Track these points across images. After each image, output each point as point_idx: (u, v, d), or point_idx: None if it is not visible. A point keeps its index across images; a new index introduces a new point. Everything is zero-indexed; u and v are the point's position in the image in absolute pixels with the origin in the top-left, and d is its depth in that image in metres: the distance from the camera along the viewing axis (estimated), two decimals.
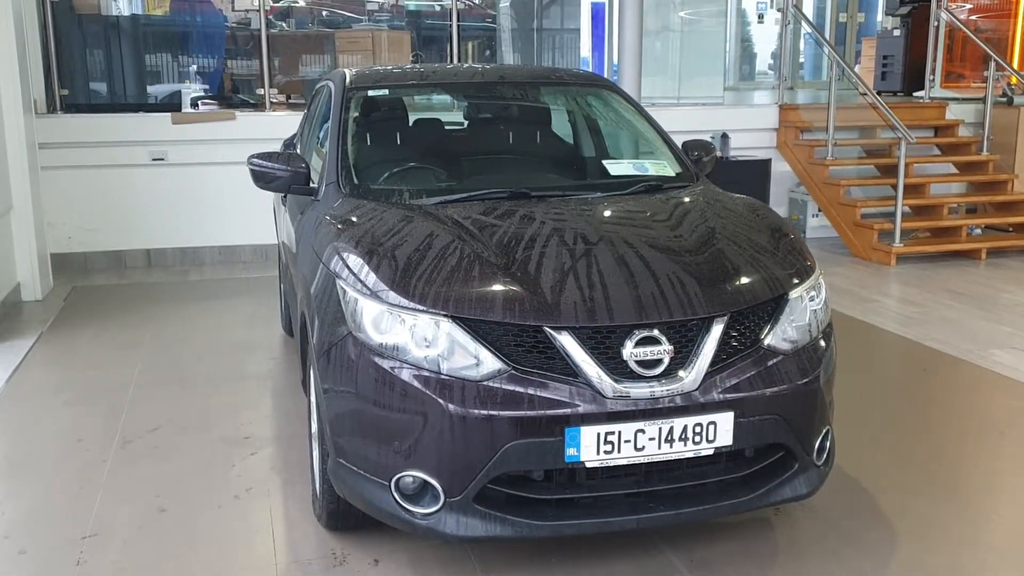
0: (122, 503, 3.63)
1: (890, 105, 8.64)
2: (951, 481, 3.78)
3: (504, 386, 2.73)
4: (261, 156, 3.89)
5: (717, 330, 2.87)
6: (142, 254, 8.24)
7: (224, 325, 6.26)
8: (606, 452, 2.76)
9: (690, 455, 2.85)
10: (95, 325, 6.31)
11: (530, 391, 2.73)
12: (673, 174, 4.01)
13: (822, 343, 3.12)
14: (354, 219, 3.34)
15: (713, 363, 2.86)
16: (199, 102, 9.00)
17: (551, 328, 2.76)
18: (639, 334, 2.79)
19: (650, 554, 3.18)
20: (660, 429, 2.79)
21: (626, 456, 2.78)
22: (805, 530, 3.38)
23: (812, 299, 3.15)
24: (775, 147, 9.41)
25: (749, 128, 9.35)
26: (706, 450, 2.85)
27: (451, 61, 9.80)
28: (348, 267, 3.02)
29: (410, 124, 4.32)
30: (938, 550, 3.25)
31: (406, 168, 3.92)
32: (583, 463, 2.76)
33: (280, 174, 3.84)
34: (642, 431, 2.78)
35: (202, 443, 4.20)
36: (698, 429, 2.83)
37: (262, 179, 3.87)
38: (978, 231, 8.76)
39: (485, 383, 2.73)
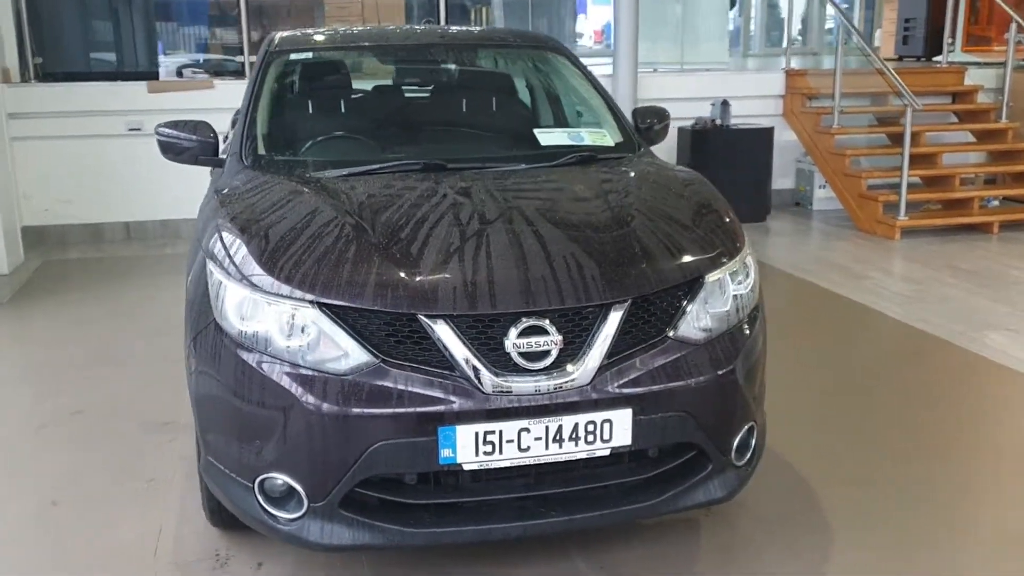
0: (16, 494, 3.44)
1: (907, 71, 8.21)
2: (906, 476, 3.46)
3: (372, 381, 2.46)
4: (169, 124, 3.64)
5: (615, 318, 2.57)
6: (121, 227, 8.08)
7: (183, 301, 6.05)
8: (486, 453, 2.49)
9: (583, 456, 2.57)
10: (55, 300, 6.15)
11: (400, 386, 2.46)
12: (612, 144, 3.70)
13: (745, 331, 2.81)
14: (239, 194, 3.07)
15: (610, 355, 2.57)
16: (184, 70, 8.79)
17: (425, 316, 2.49)
18: (524, 323, 2.50)
19: (556, 559, 2.92)
20: (547, 428, 2.51)
21: (509, 458, 2.51)
22: (736, 532, 3.10)
23: (737, 282, 2.84)
24: (781, 115, 9.00)
25: (754, 95, 8.95)
26: (601, 451, 2.57)
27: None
28: (218, 246, 2.77)
29: (332, 90, 4.03)
30: (874, 551, 2.95)
31: (319, 137, 3.64)
32: (460, 465, 2.49)
33: (187, 144, 3.59)
34: (526, 430, 2.50)
35: (120, 428, 4.00)
36: (591, 428, 2.54)
37: (170, 150, 3.63)
38: (995, 203, 8.31)
39: (350, 378, 2.47)
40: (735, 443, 2.78)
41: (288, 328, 2.52)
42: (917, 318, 5.44)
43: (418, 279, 2.54)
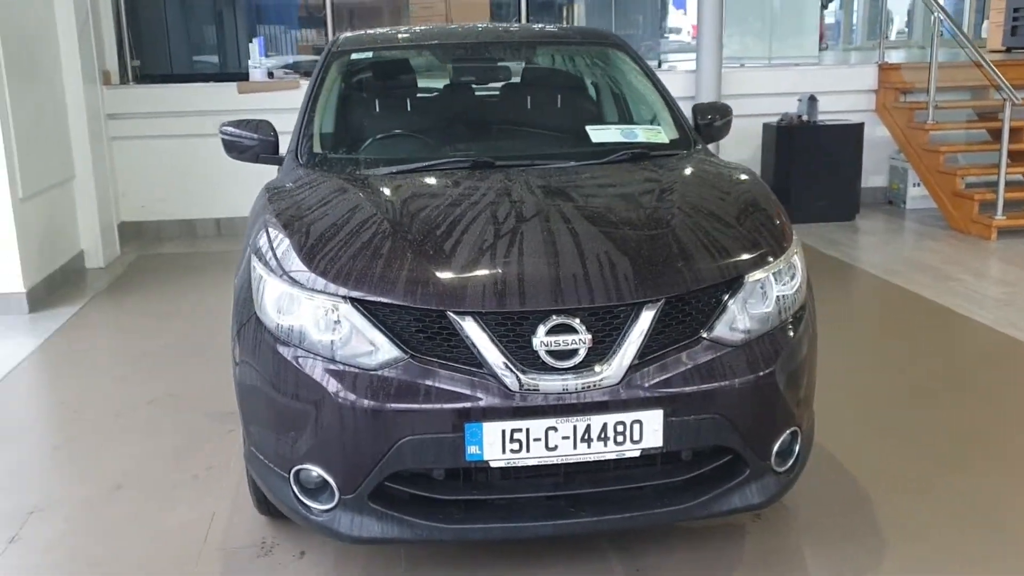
0: (83, 478, 3.60)
1: (1013, 63, 7.82)
2: (975, 490, 3.31)
3: (400, 376, 2.49)
4: (232, 124, 3.75)
5: (646, 318, 2.53)
6: (211, 223, 8.36)
7: None
8: (513, 451, 2.49)
9: (612, 456, 2.54)
10: (143, 293, 6.41)
11: (427, 382, 2.48)
12: (666, 141, 3.64)
13: (788, 333, 2.73)
14: (286, 191, 3.15)
15: (642, 355, 2.53)
16: (275, 71, 9.01)
17: (454, 313, 2.50)
18: (553, 321, 2.49)
19: (592, 560, 2.90)
20: (575, 427, 2.49)
21: (536, 456, 2.50)
22: (783, 539, 3.02)
23: (782, 283, 2.76)
24: (874, 110, 8.71)
25: (845, 90, 8.68)
26: (631, 452, 2.54)
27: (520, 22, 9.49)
28: (262, 242, 2.84)
29: (389, 89, 4.08)
30: (925, 568, 2.83)
31: (373, 136, 3.70)
32: (487, 462, 2.50)
33: (248, 143, 3.70)
34: (554, 429, 2.49)
35: (188, 418, 4.14)
36: (620, 428, 2.51)
37: (233, 148, 3.74)
38: None
39: (380, 372, 2.50)
40: (775, 448, 2.70)
41: (322, 323, 2.57)
42: (1007, 323, 5.19)
43: (448, 276, 2.55)
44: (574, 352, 2.49)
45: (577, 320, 2.49)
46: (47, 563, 3.01)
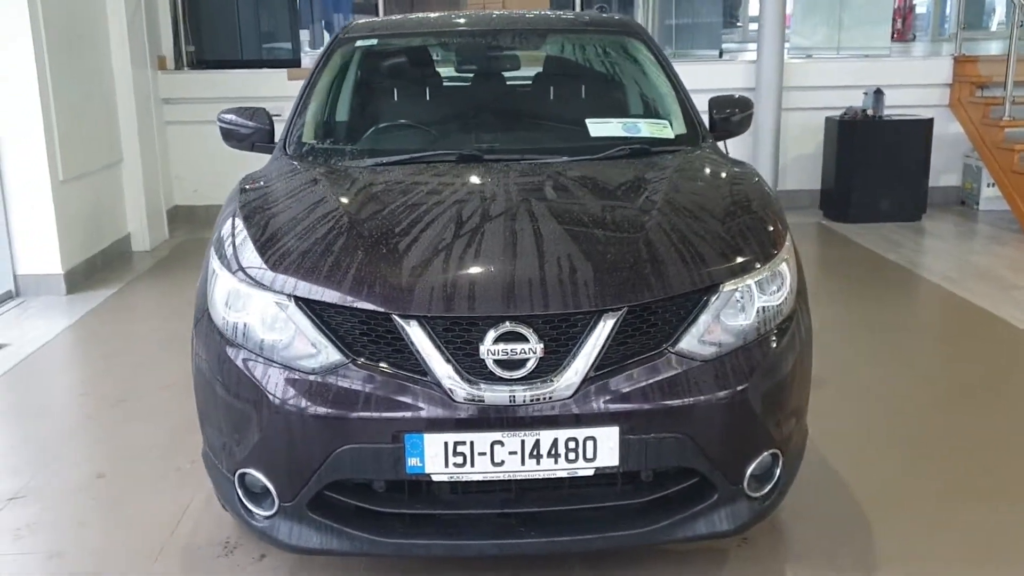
0: (72, 464, 3.59)
1: None
2: (989, 521, 3.04)
3: (340, 381, 2.37)
4: (229, 111, 3.69)
5: (605, 328, 2.36)
6: None
7: None
8: (456, 465, 2.35)
9: (564, 475, 2.38)
10: (182, 277, 6.44)
11: (368, 389, 2.35)
12: (671, 136, 3.44)
13: (770, 346, 2.52)
14: (259, 183, 3.06)
15: (599, 367, 2.36)
16: None
17: (399, 317, 2.36)
18: (502, 328, 2.33)
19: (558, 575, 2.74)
20: (523, 442, 2.34)
21: (481, 471, 2.36)
22: (765, 569, 2.81)
23: (766, 292, 2.56)
24: (947, 105, 8.25)
25: (916, 84, 8.23)
26: (584, 470, 2.37)
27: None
28: (223, 233, 2.76)
29: (387, 78, 3.96)
30: None
31: (366, 126, 3.59)
32: (428, 475, 2.36)
33: (244, 131, 3.64)
34: (500, 443, 2.34)
35: (191, 407, 4.10)
36: (572, 445, 2.35)
37: (230, 136, 3.69)
38: None
39: (319, 377, 2.39)
40: (748, 471, 2.50)
41: (267, 321, 2.47)
42: None
43: (396, 277, 2.42)
44: (524, 362, 2.33)
45: (528, 328, 2.33)
46: (10, 550, 2.99)
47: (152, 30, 7.64)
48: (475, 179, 2.97)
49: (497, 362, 2.33)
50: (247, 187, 3.03)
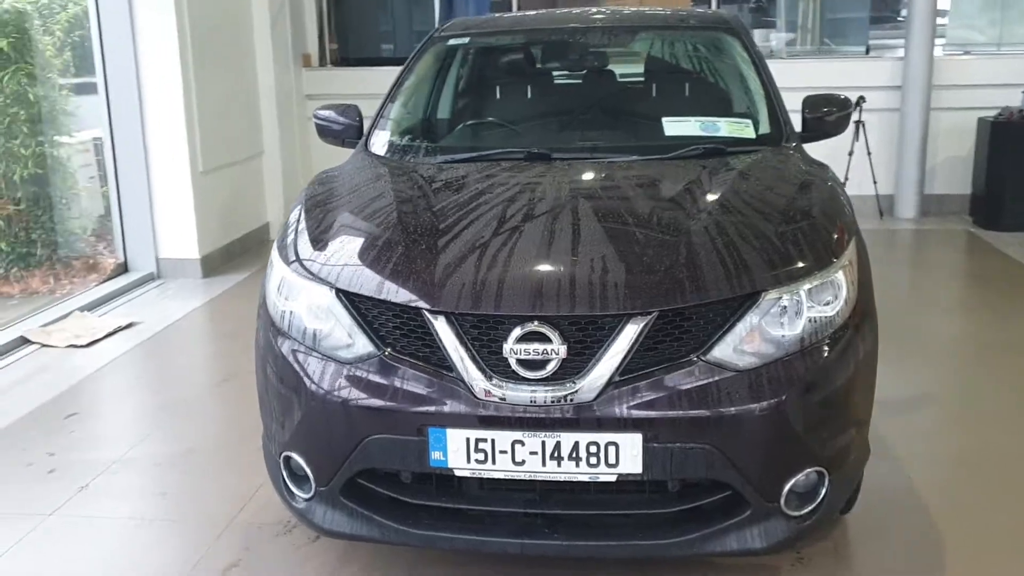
0: (167, 438, 3.83)
1: None
2: None
3: (371, 372, 2.43)
4: (325, 107, 3.82)
5: (631, 331, 2.31)
6: None
7: None
8: (478, 462, 2.36)
9: (585, 479, 2.35)
10: None
11: (396, 381, 2.40)
12: (751, 136, 3.32)
13: (816, 359, 2.40)
14: (330, 177, 3.16)
15: (626, 372, 2.32)
16: None
17: (429, 312, 2.40)
18: (526, 328, 2.33)
19: None
20: (543, 443, 2.33)
21: (503, 469, 2.36)
22: None
23: (823, 303, 2.44)
24: None
25: None
26: (606, 475, 2.34)
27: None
28: (286, 225, 2.87)
29: (475, 76, 3.99)
30: None
31: (446, 123, 3.64)
32: (451, 470, 2.39)
33: (336, 127, 3.75)
34: (520, 443, 2.33)
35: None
36: (593, 449, 2.32)
37: (325, 132, 3.81)
38: None
39: (353, 367, 2.45)
40: (786, 488, 2.39)
41: (311, 312, 2.56)
42: None
43: (428, 273, 2.46)
44: (546, 363, 2.32)
45: (553, 329, 2.31)
46: (98, 512, 3.22)
47: (297, 29, 7.99)
48: (533, 178, 2.97)
49: (520, 362, 2.32)
50: (317, 181, 3.14)
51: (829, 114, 3.51)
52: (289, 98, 7.71)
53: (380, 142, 3.51)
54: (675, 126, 3.36)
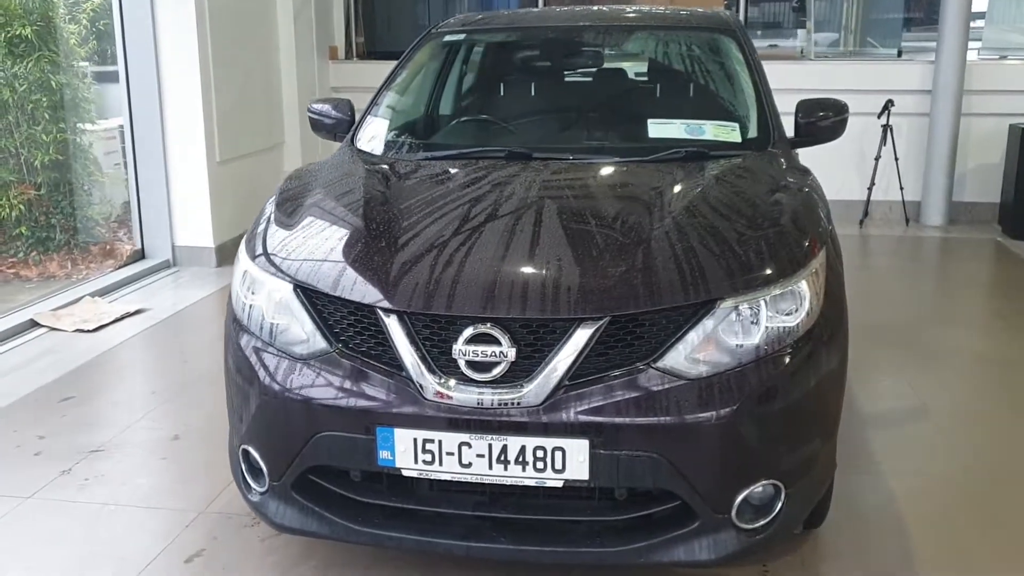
0: (155, 425, 3.87)
1: None
2: None
3: (323, 369, 2.43)
4: (318, 101, 3.83)
5: (582, 336, 2.28)
6: None
7: None
8: (425, 462, 2.35)
9: (532, 483, 2.33)
10: None
11: (347, 379, 2.40)
12: (736, 140, 3.27)
13: (774, 369, 2.35)
14: (309, 171, 3.16)
15: (576, 377, 2.29)
16: None
17: (382, 310, 2.39)
18: (477, 329, 2.31)
19: None
20: (490, 446, 2.31)
21: (450, 471, 2.35)
22: None
23: (781, 312, 2.39)
24: None
25: None
26: (553, 481, 2.31)
27: None
28: (256, 219, 2.88)
29: (463, 74, 3.97)
30: None
31: (430, 120, 3.63)
32: (399, 470, 2.38)
33: (327, 121, 3.76)
34: (467, 444, 2.32)
35: None
36: (540, 454, 2.30)
37: (317, 127, 3.82)
38: None
39: (306, 363, 2.45)
40: (738, 500, 2.35)
41: (271, 306, 2.56)
42: None
43: (385, 271, 2.45)
44: (495, 365, 2.30)
45: (503, 331, 2.30)
46: (75, 497, 3.27)
47: (323, 22, 8.04)
48: (506, 178, 2.95)
49: (469, 363, 2.31)
50: (293, 176, 3.15)
51: (824, 119, 3.44)
52: (312, 90, 7.76)
53: (366, 137, 3.51)
54: (660, 128, 3.31)
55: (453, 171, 3.07)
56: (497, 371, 2.30)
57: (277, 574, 2.82)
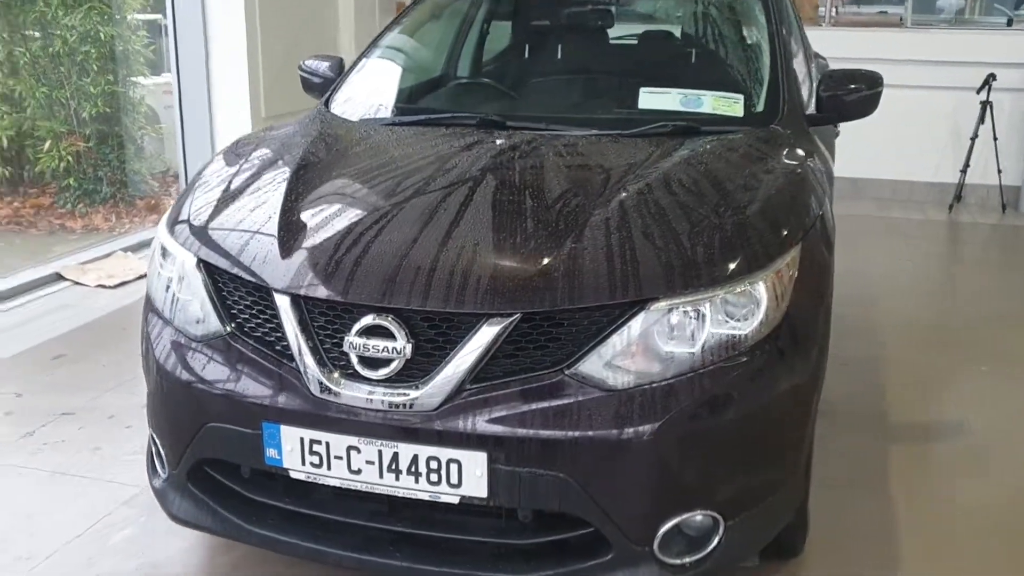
0: (131, 391, 3.73)
1: None
2: None
3: (215, 353, 2.21)
4: (314, 57, 3.60)
5: (487, 334, 1.99)
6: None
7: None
8: (313, 465, 2.11)
9: (426, 497, 2.06)
10: None
11: (238, 366, 2.18)
12: (738, 115, 2.88)
13: (714, 383, 2.02)
14: (259, 137, 2.94)
15: (478, 380, 2.01)
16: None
17: (276, 291, 2.15)
18: (371, 320, 2.05)
19: None
20: (380, 452, 2.05)
21: (338, 477, 2.10)
22: None
23: (730, 317, 2.05)
24: None
25: None
26: (449, 496, 2.04)
27: None
28: (188, 184, 2.68)
29: (458, 31, 3.63)
30: None
31: (409, 81, 3.34)
32: (287, 471, 2.15)
33: (315, 80, 3.52)
34: (356, 449, 2.07)
35: None
36: (434, 465, 2.03)
37: (307, 86, 3.59)
38: None
39: (201, 345, 2.24)
40: (661, 532, 2.03)
41: (175, 281, 2.36)
42: None
43: (285, 249, 2.21)
44: (388, 362, 2.03)
45: (401, 324, 2.03)
46: (28, 462, 3.18)
47: None
48: (458, 148, 2.66)
49: (361, 358, 2.05)
50: (241, 141, 2.93)
51: (849, 93, 3.00)
52: (362, 45, 7.54)
53: (341, 99, 3.25)
54: (652, 98, 2.94)
55: (407, 138, 2.80)
56: (390, 369, 2.03)
57: (195, 562, 2.65)
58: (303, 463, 2.11)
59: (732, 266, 2.09)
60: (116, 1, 6.29)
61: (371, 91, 3.27)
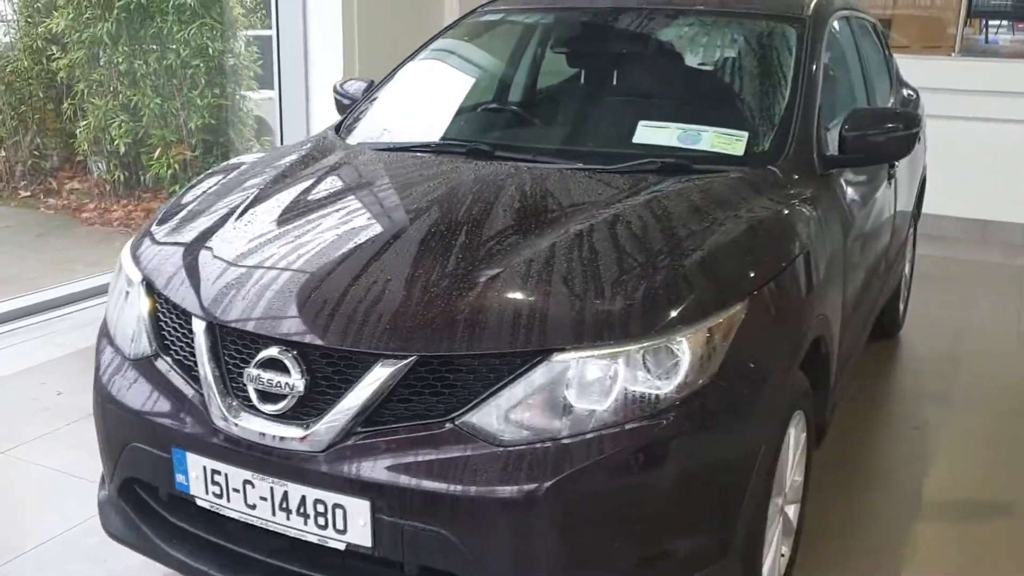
0: None
1: None
2: None
3: (140, 373, 2.23)
4: (348, 80, 3.61)
5: (380, 375, 1.90)
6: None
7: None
8: (215, 495, 2.08)
9: (315, 540, 1.99)
10: None
11: (156, 388, 2.18)
12: (738, 154, 2.66)
13: (616, 444, 1.85)
14: (257, 161, 2.94)
15: (369, 423, 1.92)
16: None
17: (195, 316, 2.14)
18: (274, 352, 1.99)
19: None
20: (272, 489, 2.00)
21: (236, 509, 2.06)
22: None
23: (651, 373, 1.89)
24: None
25: None
26: (335, 542, 1.96)
27: None
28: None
29: (478, 60, 3.51)
30: None
31: (415, 111, 3.28)
32: (194, 498, 2.12)
33: (345, 101, 3.53)
34: (251, 484, 2.02)
35: None
36: (321, 508, 1.96)
37: (340, 109, 3.60)
38: None
39: (131, 364, 2.26)
40: None
41: (121, 299, 2.41)
42: None
43: (212, 273, 2.20)
44: (283, 397, 1.98)
45: (298, 359, 1.97)
46: (42, 460, 3.31)
47: None
48: (422, 177, 2.58)
49: (259, 392, 2.00)
50: (234, 159, 2.96)
51: (879, 134, 2.72)
52: None
53: (349, 122, 3.23)
54: (649, 133, 2.76)
55: (382, 165, 2.74)
56: (282, 404, 1.97)
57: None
58: (207, 492, 2.09)
59: (654, 319, 1.92)
60: (227, 18, 6.55)
61: (378, 118, 3.24)
